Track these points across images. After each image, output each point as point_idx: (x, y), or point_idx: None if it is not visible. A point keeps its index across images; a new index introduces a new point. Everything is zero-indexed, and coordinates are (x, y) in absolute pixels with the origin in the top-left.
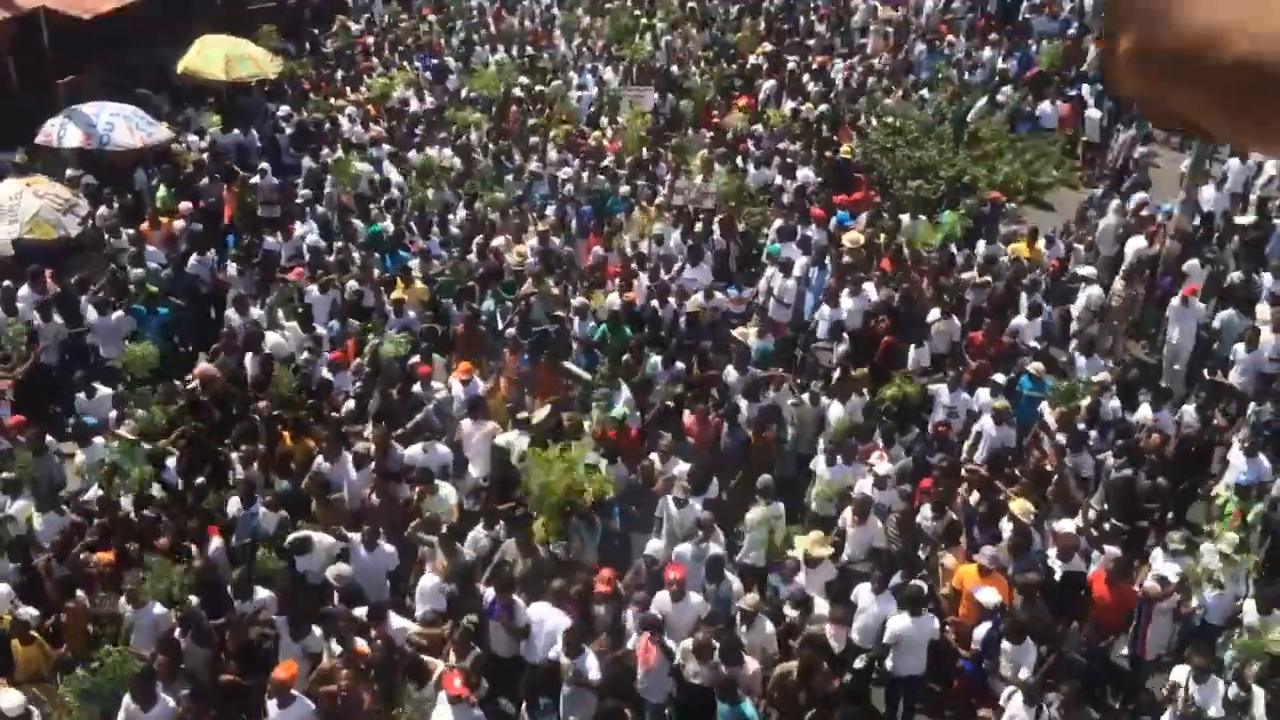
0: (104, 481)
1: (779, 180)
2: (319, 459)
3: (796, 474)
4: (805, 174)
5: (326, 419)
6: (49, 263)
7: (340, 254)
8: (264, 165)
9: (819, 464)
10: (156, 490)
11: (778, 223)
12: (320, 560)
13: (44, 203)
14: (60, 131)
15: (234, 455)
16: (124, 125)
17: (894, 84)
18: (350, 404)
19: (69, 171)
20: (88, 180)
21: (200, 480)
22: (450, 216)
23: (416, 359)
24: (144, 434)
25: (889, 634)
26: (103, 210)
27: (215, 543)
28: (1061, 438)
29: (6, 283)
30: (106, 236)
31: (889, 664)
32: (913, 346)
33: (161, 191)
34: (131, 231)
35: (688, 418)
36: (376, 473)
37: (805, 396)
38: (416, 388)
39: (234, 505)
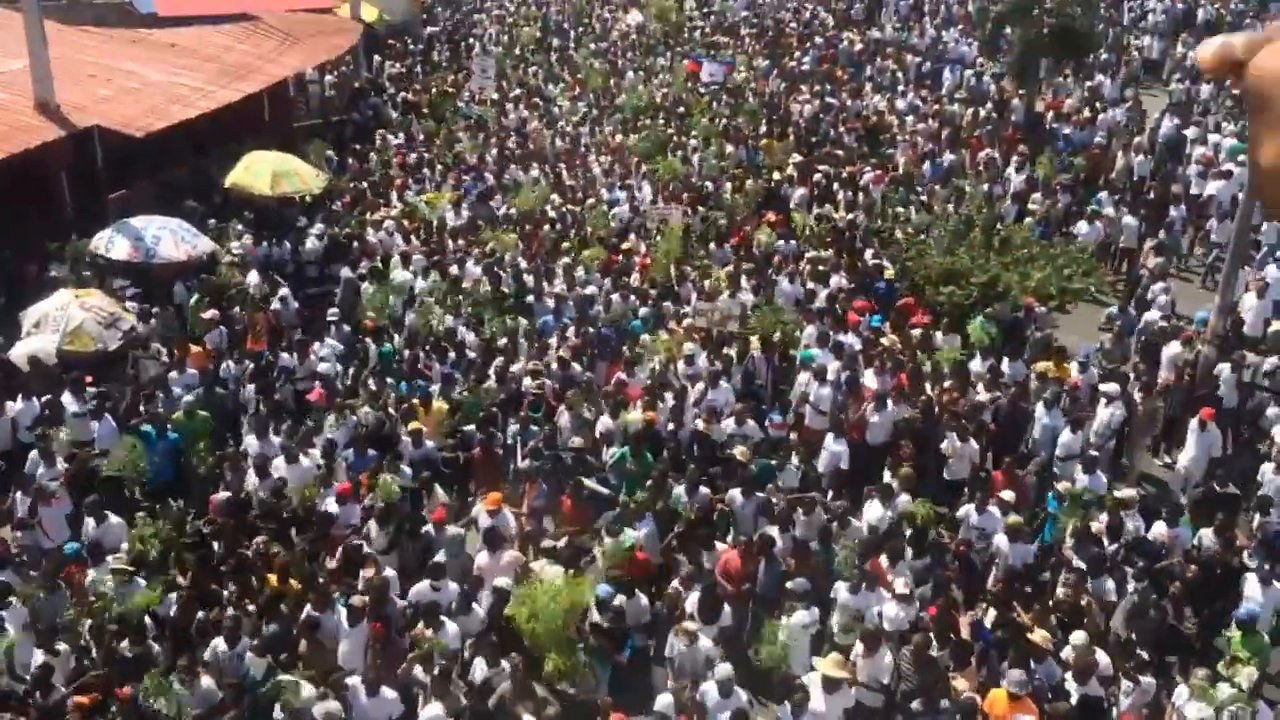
0: (91, 615)
1: (811, 286)
2: (309, 607)
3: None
4: (837, 281)
5: (318, 559)
6: (87, 373)
7: (354, 380)
8: (284, 292)
9: (839, 590)
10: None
11: (810, 329)
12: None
13: (88, 315)
14: (108, 245)
15: (225, 594)
16: (170, 238)
17: (927, 194)
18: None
19: (116, 282)
20: (135, 292)
21: (198, 616)
22: (458, 340)
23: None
24: (137, 561)
25: None
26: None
27: (205, 681)
28: (1078, 561)
29: (47, 396)
30: (133, 352)
31: None
32: (895, 484)
33: (194, 299)
34: (159, 346)
35: (726, 553)
36: (372, 619)
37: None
38: (428, 527)
39: (220, 645)
